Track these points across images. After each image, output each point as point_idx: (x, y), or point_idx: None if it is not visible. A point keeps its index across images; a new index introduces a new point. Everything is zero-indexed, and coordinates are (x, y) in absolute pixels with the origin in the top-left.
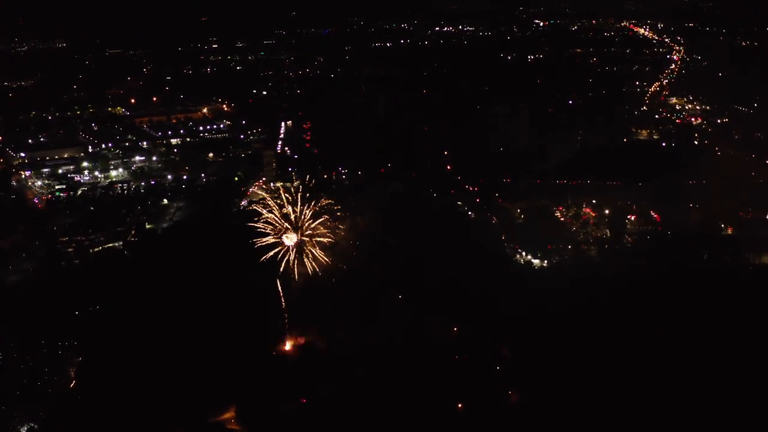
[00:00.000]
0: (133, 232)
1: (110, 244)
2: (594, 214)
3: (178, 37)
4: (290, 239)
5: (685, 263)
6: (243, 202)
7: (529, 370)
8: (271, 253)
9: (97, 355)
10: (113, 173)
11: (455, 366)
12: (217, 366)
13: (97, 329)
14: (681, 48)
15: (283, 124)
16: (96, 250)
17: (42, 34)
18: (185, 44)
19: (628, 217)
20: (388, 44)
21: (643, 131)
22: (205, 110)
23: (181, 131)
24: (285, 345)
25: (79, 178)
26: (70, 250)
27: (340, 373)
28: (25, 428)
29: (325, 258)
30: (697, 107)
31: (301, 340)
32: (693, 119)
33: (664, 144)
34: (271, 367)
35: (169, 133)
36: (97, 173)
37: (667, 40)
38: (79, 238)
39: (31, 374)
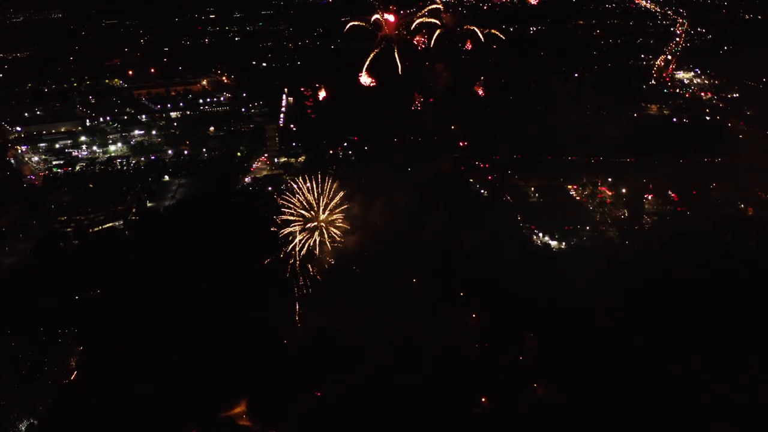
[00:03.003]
0: (133, 210)
1: (110, 224)
2: (611, 193)
3: (175, 8)
4: (307, 222)
5: (708, 247)
6: (247, 179)
7: (554, 362)
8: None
9: (99, 344)
10: (112, 148)
11: (476, 356)
12: (226, 356)
13: (98, 316)
14: (684, 21)
15: (284, 97)
16: (95, 229)
17: (37, 4)
18: (182, 15)
19: (645, 196)
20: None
21: (653, 106)
22: (204, 82)
23: (181, 104)
24: (299, 333)
25: (77, 154)
26: (68, 229)
27: (357, 364)
28: (24, 424)
29: (342, 241)
30: (706, 81)
31: (316, 328)
32: (703, 94)
33: (675, 119)
34: (284, 357)
35: (169, 106)
36: (95, 148)
37: (669, 12)
38: (77, 217)
39: (29, 365)
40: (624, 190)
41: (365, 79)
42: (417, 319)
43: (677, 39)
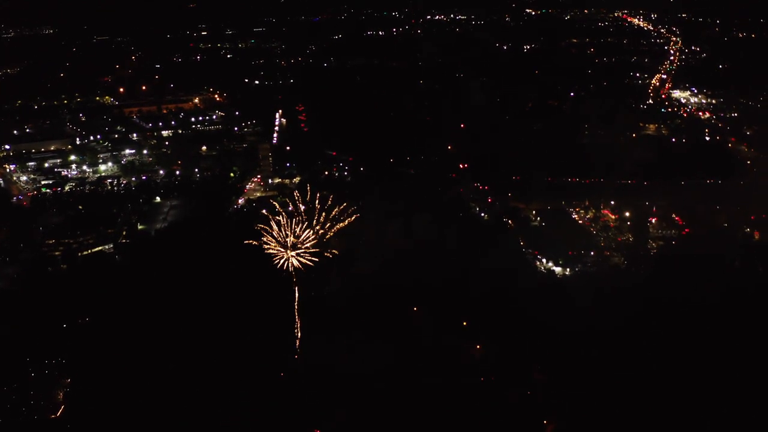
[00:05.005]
0: (124, 233)
1: (100, 247)
2: (614, 217)
3: (167, 24)
4: (298, 249)
5: (718, 274)
6: (240, 200)
7: (564, 396)
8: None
9: (88, 376)
10: (102, 167)
11: (482, 390)
12: (219, 389)
13: (87, 345)
14: (678, 39)
15: (277, 115)
16: (85, 253)
17: (29, 20)
18: (174, 31)
19: (649, 219)
20: (380, 33)
21: (651, 126)
22: (196, 100)
23: (173, 122)
24: (295, 365)
25: (66, 173)
26: (56, 253)
27: (357, 399)
28: None
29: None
30: (703, 101)
31: (314, 360)
32: (701, 113)
33: (674, 140)
34: (280, 391)
35: (160, 124)
36: (85, 167)
37: (662, 30)
38: (66, 240)
39: (13, 399)
40: (627, 214)
41: None
42: (420, 351)
43: (671, 57)
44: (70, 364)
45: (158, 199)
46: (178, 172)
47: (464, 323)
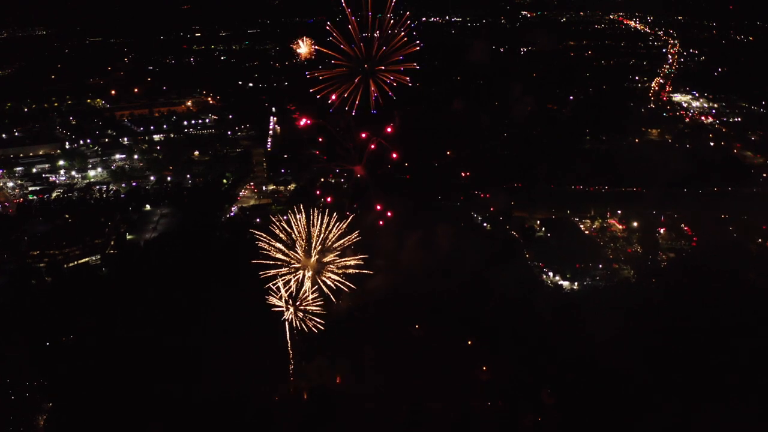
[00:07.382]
0: (112, 243)
1: (87, 259)
2: (622, 227)
3: (160, 25)
4: (303, 264)
5: (732, 288)
6: (233, 208)
7: (576, 422)
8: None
9: (71, 400)
10: (91, 173)
11: (490, 415)
12: (211, 415)
13: (71, 366)
14: (676, 42)
15: (272, 119)
16: (70, 265)
17: (20, 21)
18: (167, 33)
19: (658, 230)
20: (375, 35)
21: (653, 131)
22: (189, 103)
23: (164, 126)
24: (292, 389)
25: (54, 179)
26: (41, 265)
27: (358, 425)
28: None
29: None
30: (705, 105)
31: (311, 384)
32: (703, 118)
33: (677, 145)
34: (275, 417)
35: (152, 128)
36: (74, 173)
37: (660, 33)
38: (51, 251)
39: None
40: (635, 224)
41: None
42: (423, 374)
43: (670, 60)
44: (53, 386)
45: (148, 206)
46: (169, 179)
47: (469, 342)
